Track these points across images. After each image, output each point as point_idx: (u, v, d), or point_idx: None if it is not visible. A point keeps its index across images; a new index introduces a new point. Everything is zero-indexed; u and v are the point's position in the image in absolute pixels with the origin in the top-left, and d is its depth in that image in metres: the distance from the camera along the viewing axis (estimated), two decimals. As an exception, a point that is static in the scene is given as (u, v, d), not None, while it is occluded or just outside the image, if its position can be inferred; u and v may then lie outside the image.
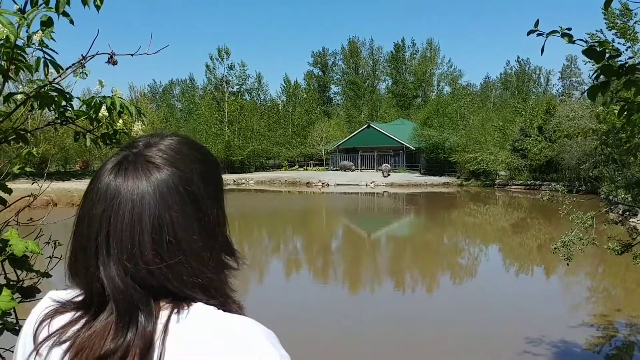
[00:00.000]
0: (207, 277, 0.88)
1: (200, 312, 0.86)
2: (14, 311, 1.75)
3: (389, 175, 51.37)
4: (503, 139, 45.70)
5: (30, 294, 1.90)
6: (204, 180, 0.93)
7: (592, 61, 2.54)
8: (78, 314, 0.87)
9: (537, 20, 2.43)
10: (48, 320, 0.89)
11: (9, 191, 1.94)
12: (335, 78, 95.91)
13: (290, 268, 15.48)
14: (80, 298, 0.89)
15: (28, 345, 0.90)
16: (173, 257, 0.85)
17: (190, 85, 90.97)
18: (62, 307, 0.89)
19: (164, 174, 0.88)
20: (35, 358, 0.87)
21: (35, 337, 0.88)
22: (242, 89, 75.60)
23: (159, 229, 0.85)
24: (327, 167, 64.14)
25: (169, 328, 0.83)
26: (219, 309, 0.88)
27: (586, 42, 2.48)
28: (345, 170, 57.98)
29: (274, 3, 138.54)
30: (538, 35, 2.44)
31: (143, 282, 0.84)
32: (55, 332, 0.87)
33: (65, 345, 0.85)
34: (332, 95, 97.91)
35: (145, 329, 0.82)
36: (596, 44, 2.47)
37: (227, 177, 52.76)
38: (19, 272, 1.92)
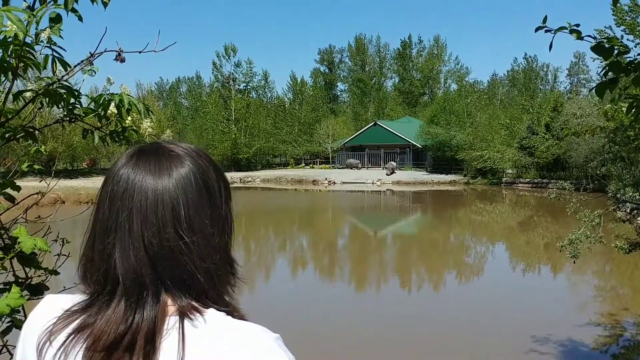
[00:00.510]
0: (214, 263, 0.91)
1: (214, 319, 0.88)
2: (22, 308, 1.76)
3: (393, 173, 51.24)
4: (510, 137, 45.54)
5: (38, 291, 1.90)
6: (217, 178, 0.97)
7: (601, 58, 2.52)
8: (90, 309, 0.88)
9: (545, 17, 2.41)
10: (52, 336, 0.88)
11: (18, 189, 1.95)
12: (341, 75, 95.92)
13: (297, 266, 15.49)
14: (83, 302, 0.90)
15: (30, 355, 0.90)
16: (189, 237, 0.88)
17: (197, 83, 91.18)
18: (68, 317, 0.89)
19: (183, 162, 0.93)
20: None
21: (40, 352, 0.88)
22: (248, 87, 75.70)
23: (178, 208, 0.88)
24: (333, 165, 64.11)
25: (185, 332, 0.84)
26: (227, 314, 0.90)
27: (595, 38, 2.46)
28: (351, 168, 57.95)
29: (280, 1, 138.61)
30: (546, 31, 2.43)
31: (159, 262, 0.86)
32: (68, 335, 0.87)
33: (82, 334, 0.86)
34: (339, 93, 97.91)
35: (150, 314, 0.85)
36: (605, 41, 2.46)
37: (234, 175, 52.86)
38: (27, 269, 1.93)
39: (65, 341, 0.86)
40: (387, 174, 50.85)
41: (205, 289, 0.90)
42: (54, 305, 0.93)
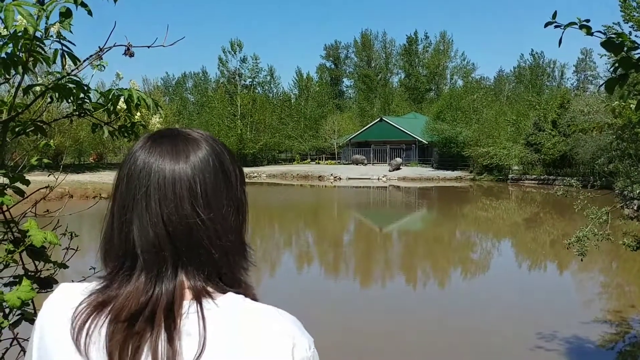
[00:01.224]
0: (230, 242, 0.93)
1: (232, 301, 0.90)
2: (32, 302, 1.77)
3: (398, 169, 51.10)
4: (516, 133, 45.34)
5: (47, 284, 1.91)
6: (232, 162, 0.99)
7: (608, 55, 2.52)
8: (109, 289, 0.89)
9: (555, 12, 2.40)
10: (83, 316, 0.88)
11: (27, 182, 1.96)
12: (347, 71, 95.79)
13: (302, 261, 15.51)
14: (102, 283, 0.91)
15: (50, 342, 0.91)
16: (206, 214, 0.90)
17: (203, 79, 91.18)
18: (90, 296, 0.90)
19: (200, 145, 0.96)
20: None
21: (77, 335, 0.87)
22: (254, 82, 75.75)
23: (195, 185, 0.90)
24: (339, 160, 64.06)
25: (205, 314, 0.86)
26: (245, 297, 0.93)
27: (604, 34, 2.45)
28: (357, 164, 57.90)
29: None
30: (556, 27, 2.42)
31: (179, 236, 0.88)
32: (93, 309, 0.88)
33: (105, 308, 0.87)
34: (345, 89, 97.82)
35: (169, 287, 0.86)
36: (614, 36, 2.44)
37: (239, 171, 52.76)
38: (36, 262, 1.94)
39: (90, 316, 0.87)
40: (389, 170, 50.68)
41: (220, 268, 0.91)
42: (70, 293, 0.94)
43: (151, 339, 0.83)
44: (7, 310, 1.68)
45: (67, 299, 0.92)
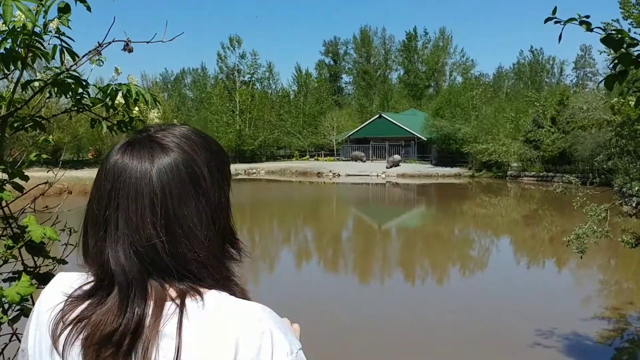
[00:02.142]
0: (203, 255, 0.91)
1: (215, 299, 0.89)
2: (31, 297, 1.77)
3: (396, 166, 51.00)
4: (515, 130, 45.35)
5: (46, 280, 1.91)
6: (209, 166, 0.95)
7: (608, 51, 2.52)
8: (92, 299, 0.90)
9: (555, 8, 2.40)
10: (64, 316, 0.90)
11: (26, 178, 1.95)
12: (346, 67, 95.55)
13: (300, 258, 15.52)
14: (91, 282, 0.92)
15: (44, 339, 0.92)
16: (169, 232, 0.88)
17: (201, 75, 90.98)
18: (76, 300, 0.91)
19: (168, 153, 0.92)
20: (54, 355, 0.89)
21: (54, 337, 0.89)
22: (253, 78, 75.59)
23: (157, 203, 0.88)
24: (338, 157, 64.01)
25: (183, 318, 0.85)
26: (228, 293, 0.92)
27: (604, 30, 2.45)
28: (356, 161, 57.87)
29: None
30: (556, 22, 2.41)
31: (145, 258, 0.87)
32: (71, 322, 0.89)
33: (81, 325, 0.88)
34: (344, 85, 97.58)
35: (139, 311, 0.85)
36: (614, 32, 2.44)
37: (238, 167, 52.89)
38: (35, 258, 1.94)
39: (68, 329, 0.88)
40: (387, 167, 50.59)
41: (199, 276, 0.90)
42: (65, 283, 0.95)
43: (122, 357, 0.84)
44: (6, 306, 1.68)
45: (62, 289, 0.93)
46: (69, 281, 0.95)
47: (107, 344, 0.85)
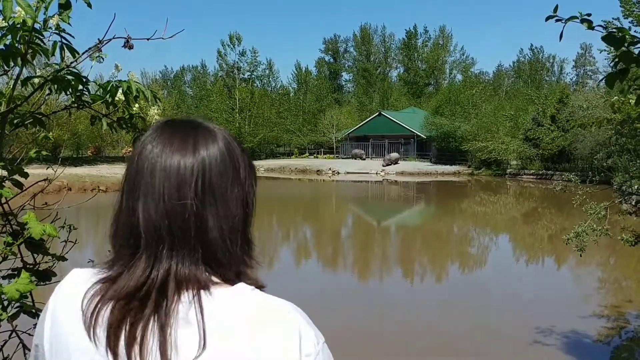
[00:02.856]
0: (231, 234, 0.92)
1: (242, 291, 0.89)
2: (30, 294, 1.77)
3: (395, 164, 50.94)
4: (515, 128, 45.38)
5: (46, 277, 1.91)
6: (243, 157, 1.00)
7: (608, 50, 2.51)
8: (114, 268, 0.90)
9: (557, 6, 2.40)
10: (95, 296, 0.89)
11: (26, 175, 1.95)
12: (346, 65, 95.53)
13: (300, 255, 15.53)
14: (109, 265, 0.92)
15: (61, 333, 0.90)
16: (209, 200, 0.90)
17: (201, 72, 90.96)
18: (104, 282, 0.90)
19: (214, 135, 0.96)
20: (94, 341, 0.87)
21: (88, 329, 0.87)
22: (253, 76, 75.64)
23: (201, 171, 0.90)
24: (337, 155, 64.03)
25: (203, 303, 0.85)
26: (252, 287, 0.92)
27: (605, 28, 2.44)
28: (355, 159, 57.90)
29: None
30: (557, 20, 2.41)
31: (177, 217, 0.88)
32: (93, 293, 0.89)
33: (108, 287, 0.88)
34: (343, 83, 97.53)
35: (165, 266, 0.86)
36: (615, 30, 2.44)
37: (238, 164, 52.79)
38: (35, 255, 1.94)
39: (95, 300, 0.87)
40: (383, 165, 50.51)
41: (218, 258, 0.90)
42: (82, 277, 0.94)
43: (145, 318, 0.84)
44: (5, 303, 1.68)
45: (78, 285, 0.92)
46: (87, 275, 0.94)
47: (132, 299, 0.85)
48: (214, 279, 0.89)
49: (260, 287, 0.95)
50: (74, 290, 0.91)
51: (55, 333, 0.91)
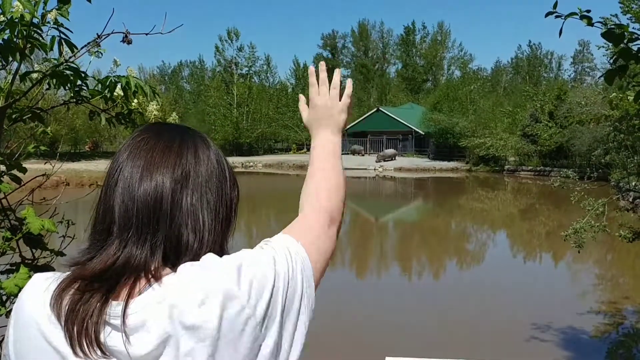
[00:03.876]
0: (208, 232, 0.92)
1: (180, 269, 0.86)
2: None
3: (389, 160, 50.84)
4: (513, 125, 45.38)
5: (45, 272, 1.91)
6: (227, 163, 1.02)
7: (607, 46, 2.52)
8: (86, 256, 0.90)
9: (556, 2, 2.39)
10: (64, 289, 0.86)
11: (24, 170, 1.95)
12: (344, 61, 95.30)
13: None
14: (77, 260, 0.90)
15: (25, 338, 0.87)
16: (187, 190, 0.91)
17: (199, 67, 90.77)
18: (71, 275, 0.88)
19: (200, 137, 0.99)
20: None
21: (59, 317, 0.84)
22: (251, 71, 75.42)
23: (186, 169, 0.92)
24: (335, 151, 63.95)
25: (144, 295, 0.84)
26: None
27: (605, 25, 2.44)
28: (354, 154, 57.91)
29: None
30: (556, 17, 2.41)
31: (153, 206, 0.88)
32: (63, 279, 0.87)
33: (79, 270, 0.87)
34: (342, 79, 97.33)
35: (133, 252, 0.86)
36: (615, 27, 2.44)
37: (236, 160, 52.86)
38: (33, 250, 1.94)
39: (65, 282, 0.86)
40: (376, 161, 50.45)
41: (191, 253, 0.89)
42: (42, 278, 0.91)
43: (94, 301, 0.82)
44: (4, 298, 1.68)
45: (39, 286, 0.89)
46: (49, 276, 0.91)
47: (96, 280, 0.84)
48: (168, 269, 0.87)
49: None
50: (34, 293, 0.88)
51: (19, 337, 0.87)
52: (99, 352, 0.80)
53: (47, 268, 1.93)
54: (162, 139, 0.94)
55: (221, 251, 0.96)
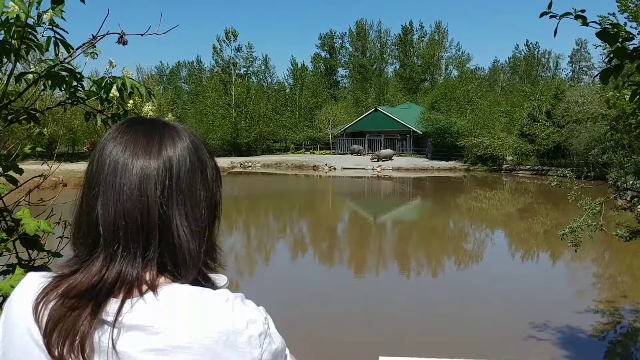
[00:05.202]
0: (197, 232, 0.90)
1: (171, 291, 0.86)
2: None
3: (385, 160, 50.82)
4: (511, 124, 45.45)
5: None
6: (210, 160, 0.98)
7: (603, 45, 2.52)
8: (70, 268, 0.88)
9: (551, 2, 2.40)
10: (47, 295, 0.86)
11: (20, 171, 1.94)
12: (342, 61, 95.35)
13: (296, 251, 15.53)
14: (62, 272, 0.89)
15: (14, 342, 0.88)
16: (171, 199, 0.88)
17: (197, 67, 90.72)
18: (59, 278, 0.88)
19: (180, 134, 0.95)
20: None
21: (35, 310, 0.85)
22: (249, 72, 75.42)
23: (167, 170, 0.89)
24: (333, 150, 64.03)
25: (132, 302, 0.83)
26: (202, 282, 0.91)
27: (600, 24, 2.45)
28: (353, 154, 57.94)
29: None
30: (551, 17, 2.41)
31: (137, 217, 0.86)
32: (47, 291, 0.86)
33: (63, 285, 0.86)
34: (340, 79, 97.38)
35: (119, 268, 0.84)
36: (610, 27, 2.44)
37: (234, 160, 52.87)
38: (30, 251, 1.94)
39: (47, 293, 0.85)
40: (371, 160, 50.43)
41: (178, 260, 0.88)
42: (35, 279, 0.91)
43: (82, 318, 0.82)
44: (0, 299, 1.68)
45: (31, 288, 0.89)
46: (41, 277, 0.90)
47: (83, 298, 0.83)
48: (162, 280, 0.87)
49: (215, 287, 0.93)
50: (26, 293, 0.89)
51: (9, 338, 0.88)
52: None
53: (43, 269, 1.92)
54: (139, 142, 0.90)
55: (213, 248, 0.96)
